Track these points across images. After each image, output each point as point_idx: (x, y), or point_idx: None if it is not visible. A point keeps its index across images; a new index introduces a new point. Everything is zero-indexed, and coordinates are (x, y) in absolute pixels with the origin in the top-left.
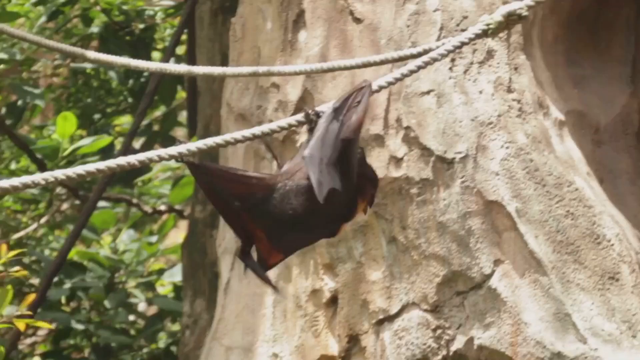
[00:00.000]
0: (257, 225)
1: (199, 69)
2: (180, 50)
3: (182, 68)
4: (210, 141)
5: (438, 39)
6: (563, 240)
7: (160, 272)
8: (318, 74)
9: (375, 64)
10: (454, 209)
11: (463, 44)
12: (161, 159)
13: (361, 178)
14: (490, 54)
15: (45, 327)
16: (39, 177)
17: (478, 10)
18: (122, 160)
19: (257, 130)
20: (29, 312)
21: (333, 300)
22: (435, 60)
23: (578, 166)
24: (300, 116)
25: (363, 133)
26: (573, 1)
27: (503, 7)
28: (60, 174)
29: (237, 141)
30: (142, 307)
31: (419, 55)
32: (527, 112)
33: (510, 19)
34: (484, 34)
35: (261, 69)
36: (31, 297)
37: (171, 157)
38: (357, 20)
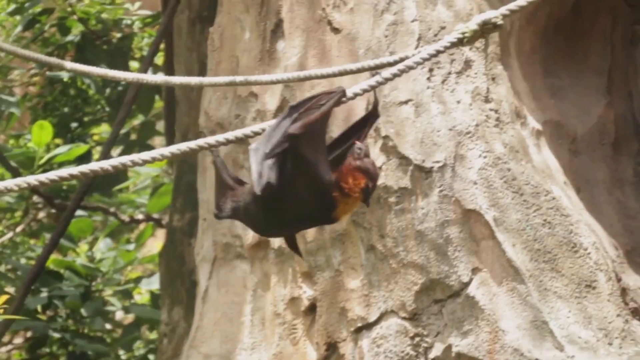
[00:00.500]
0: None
1: (176, 79)
2: (159, 59)
3: (159, 78)
4: (184, 146)
5: (416, 49)
6: (540, 248)
7: (138, 280)
8: (296, 83)
9: (352, 72)
10: (432, 218)
11: (439, 52)
12: (134, 164)
13: (353, 171)
14: (467, 64)
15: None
16: (11, 182)
17: (455, 21)
18: (96, 166)
19: (231, 135)
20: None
21: (311, 308)
22: (411, 68)
23: (555, 175)
24: (275, 122)
25: None
26: (549, 12)
27: (478, 15)
28: (33, 179)
29: (211, 146)
30: (119, 315)
31: (395, 63)
32: (505, 122)
33: (486, 28)
34: (460, 42)
35: (238, 78)
36: (4, 298)
37: (144, 162)
38: (336, 30)
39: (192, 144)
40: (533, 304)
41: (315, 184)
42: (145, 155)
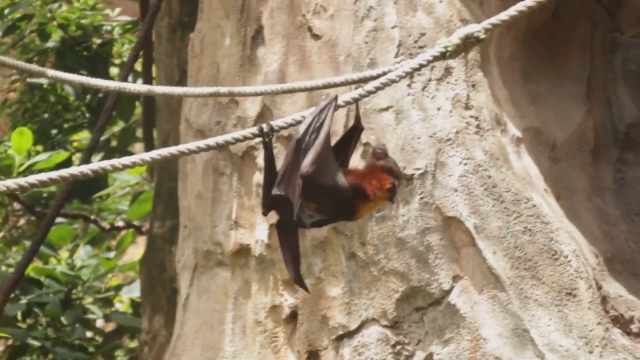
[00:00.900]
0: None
1: (160, 89)
2: (139, 65)
3: (142, 87)
4: (164, 151)
5: (396, 56)
6: (521, 256)
7: (118, 288)
8: (272, 84)
9: (336, 85)
10: (413, 225)
11: (421, 65)
12: (115, 168)
13: (377, 172)
14: (448, 71)
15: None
16: None
17: (435, 28)
18: (76, 170)
19: (211, 141)
20: None
21: (293, 316)
22: (394, 81)
23: (535, 183)
24: (255, 129)
25: None
26: (529, 19)
27: (461, 29)
28: (12, 183)
29: (191, 152)
30: (99, 323)
31: (379, 76)
32: (485, 129)
33: (468, 42)
34: (442, 56)
35: (222, 89)
36: None
37: (125, 166)
38: (316, 37)
39: (172, 149)
40: (514, 311)
41: (335, 198)
42: (126, 160)
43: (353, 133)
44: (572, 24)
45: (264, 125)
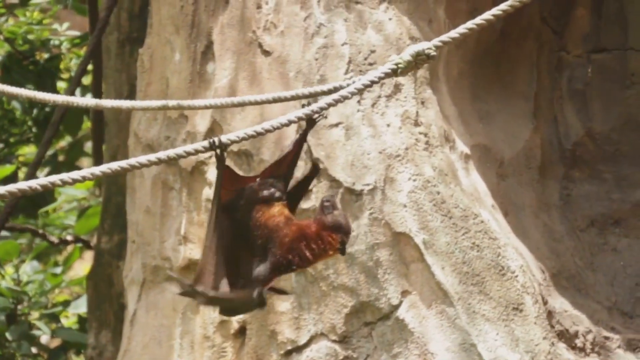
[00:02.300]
0: None
1: (108, 102)
2: (87, 80)
3: (90, 101)
4: (115, 165)
5: (346, 73)
6: (469, 271)
7: (65, 303)
8: (222, 98)
9: (286, 99)
10: (362, 241)
11: (373, 82)
12: (64, 183)
13: (326, 230)
14: (397, 87)
15: None
16: None
17: (385, 45)
18: (24, 185)
19: (162, 154)
20: None
21: (241, 331)
22: (345, 98)
23: (483, 199)
24: (205, 143)
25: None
26: (477, 37)
27: (412, 47)
28: None
29: (142, 165)
30: (45, 339)
31: (329, 92)
32: (434, 146)
33: (419, 59)
34: (394, 73)
35: (171, 102)
36: None
37: (75, 181)
38: (266, 53)
39: (123, 163)
40: (462, 326)
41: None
42: (76, 174)
43: (309, 177)
44: (520, 43)
45: (215, 139)
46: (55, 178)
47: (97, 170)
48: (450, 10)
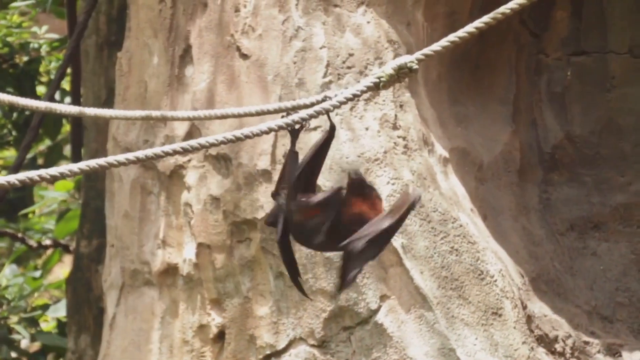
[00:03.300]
0: None
1: (91, 111)
2: (66, 83)
3: (73, 109)
4: (93, 163)
5: (324, 76)
6: (448, 276)
7: (44, 307)
8: (205, 110)
9: (269, 112)
10: None
11: (355, 96)
12: (42, 179)
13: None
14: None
15: None
16: None
17: (363, 49)
18: (2, 180)
19: (141, 154)
20: None
21: (220, 336)
22: (328, 110)
23: (462, 203)
24: (186, 144)
25: (251, 169)
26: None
27: (394, 60)
28: None
29: (120, 164)
30: (24, 343)
31: (312, 105)
32: (413, 149)
33: (402, 72)
34: (376, 86)
35: (154, 113)
36: None
37: (53, 177)
38: (244, 56)
39: (101, 161)
40: (441, 331)
41: None
42: (54, 170)
43: (328, 139)
44: (499, 46)
45: (195, 143)
46: (34, 174)
47: (76, 167)
48: (429, 14)
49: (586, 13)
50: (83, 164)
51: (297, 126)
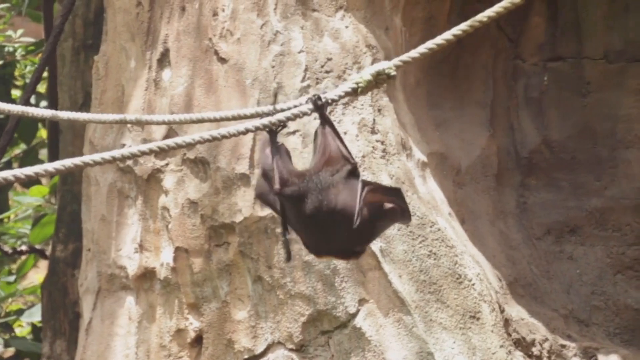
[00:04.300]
0: None
1: (64, 114)
2: (42, 87)
3: (47, 112)
4: (68, 162)
5: (303, 80)
6: (426, 279)
7: (19, 312)
8: (183, 113)
9: (246, 117)
10: None
11: (333, 101)
12: (17, 179)
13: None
14: None
15: None
16: None
17: (342, 53)
18: None
19: (116, 153)
20: None
21: (198, 340)
22: (305, 114)
23: (440, 207)
24: (162, 143)
25: (229, 172)
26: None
27: (372, 66)
28: None
29: (95, 163)
30: None
31: (289, 109)
32: (391, 153)
33: (379, 78)
34: (354, 92)
35: (129, 116)
36: None
37: (27, 177)
38: (222, 60)
39: (76, 160)
40: (419, 335)
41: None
42: (29, 170)
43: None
44: (476, 52)
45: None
46: (8, 174)
47: (51, 166)
48: (407, 18)
49: (562, 19)
50: (58, 164)
51: (276, 128)
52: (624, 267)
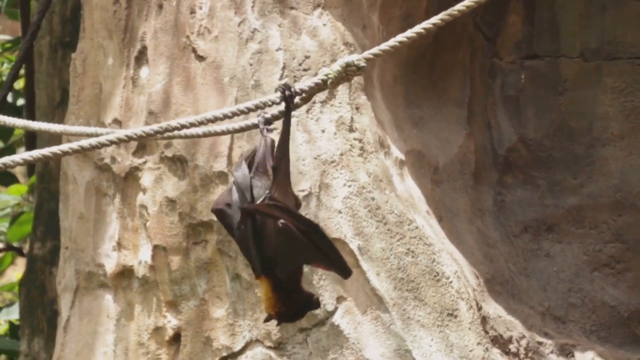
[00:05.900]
0: None
1: (35, 125)
2: (19, 84)
3: (19, 122)
4: (36, 153)
5: (281, 78)
6: (404, 277)
7: None
8: (161, 112)
9: (220, 118)
10: None
11: (303, 91)
12: None
13: None
14: (332, 93)
15: None
16: None
17: (320, 51)
18: None
19: (85, 142)
20: None
21: (176, 338)
22: (274, 103)
23: (418, 205)
24: (130, 131)
25: (207, 170)
26: (411, 43)
27: (342, 59)
28: None
29: (64, 153)
30: None
31: (264, 106)
32: (369, 152)
33: (349, 70)
34: (324, 84)
35: (103, 130)
36: None
37: (5, 165)
38: (200, 58)
39: (44, 151)
40: (397, 332)
41: None
42: (7, 159)
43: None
44: (453, 49)
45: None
46: None
47: (28, 155)
48: (384, 16)
49: (538, 18)
50: (26, 154)
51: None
52: (600, 265)
